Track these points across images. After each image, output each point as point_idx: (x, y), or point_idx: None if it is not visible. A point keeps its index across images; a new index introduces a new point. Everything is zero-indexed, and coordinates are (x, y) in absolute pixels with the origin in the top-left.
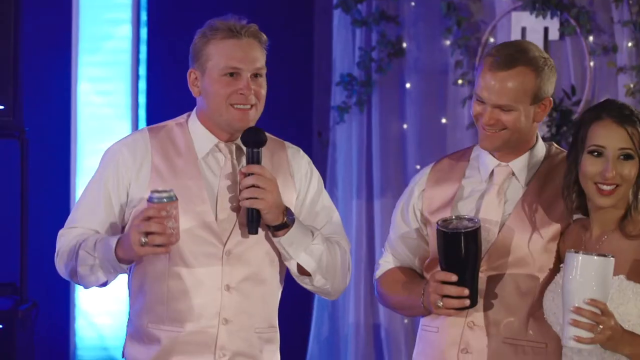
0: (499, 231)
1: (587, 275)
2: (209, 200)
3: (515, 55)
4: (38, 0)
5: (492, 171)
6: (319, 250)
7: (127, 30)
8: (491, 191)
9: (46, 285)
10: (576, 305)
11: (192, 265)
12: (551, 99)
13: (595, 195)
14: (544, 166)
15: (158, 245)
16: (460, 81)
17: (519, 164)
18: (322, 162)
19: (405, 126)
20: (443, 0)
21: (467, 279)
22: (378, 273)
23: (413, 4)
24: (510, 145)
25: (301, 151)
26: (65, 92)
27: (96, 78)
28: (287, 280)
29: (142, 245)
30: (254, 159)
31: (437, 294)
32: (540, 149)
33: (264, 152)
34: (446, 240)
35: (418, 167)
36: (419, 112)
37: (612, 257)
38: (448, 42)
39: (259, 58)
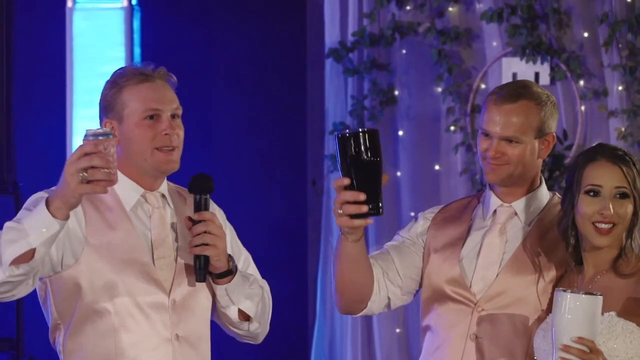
0: (499, 271)
1: (575, 313)
2: (147, 250)
3: (519, 90)
4: (31, 55)
5: (495, 210)
6: (257, 294)
7: None
8: (493, 230)
9: (43, 339)
10: (564, 343)
11: (140, 318)
12: (554, 135)
13: (594, 235)
14: (546, 213)
15: (98, 182)
16: (452, 128)
17: (521, 205)
18: (316, 210)
19: (398, 174)
20: (434, 48)
21: (363, 183)
22: None
23: (404, 51)
24: (514, 180)
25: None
26: (60, 146)
27: None
28: (284, 329)
29: (81, 182)
30: (203, 206)
31: (338, 203)
32: (545, 193)
33: (181, 201)
34: (342, 143)
35: (412, 214)
36: (412, 159)
37: (600, 295)
38: (439, 89)
39: (175, 99)
